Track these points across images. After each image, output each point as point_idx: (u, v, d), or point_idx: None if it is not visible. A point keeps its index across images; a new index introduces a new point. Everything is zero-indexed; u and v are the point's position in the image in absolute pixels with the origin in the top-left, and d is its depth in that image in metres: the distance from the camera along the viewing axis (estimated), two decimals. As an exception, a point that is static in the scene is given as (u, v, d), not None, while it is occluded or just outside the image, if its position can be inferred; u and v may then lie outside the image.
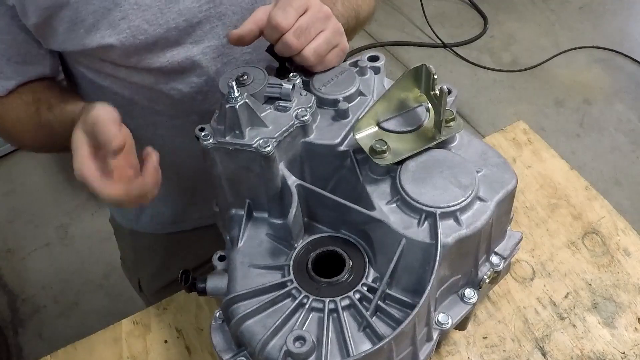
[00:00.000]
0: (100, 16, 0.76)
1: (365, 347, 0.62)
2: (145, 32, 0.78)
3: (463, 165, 0.68)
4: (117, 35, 0.77)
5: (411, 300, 0.64)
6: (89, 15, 0.76)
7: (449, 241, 0.63)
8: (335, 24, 0.75)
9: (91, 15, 0.76)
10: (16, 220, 2.31)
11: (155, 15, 0.78)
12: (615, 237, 0.98)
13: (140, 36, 0.78)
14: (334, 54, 0.75)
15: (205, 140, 0.69)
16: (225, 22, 0.83)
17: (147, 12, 0.77)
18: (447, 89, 0.67)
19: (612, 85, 2.67)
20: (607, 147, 2.43)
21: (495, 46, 2.89)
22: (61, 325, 2.02)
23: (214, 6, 0.81)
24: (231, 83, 0.66)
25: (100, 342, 0.90)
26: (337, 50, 0.76)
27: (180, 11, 0.79)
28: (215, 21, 0.82)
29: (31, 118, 0.84)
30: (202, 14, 0.80)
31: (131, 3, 0.76)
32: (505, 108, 2.60)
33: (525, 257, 0.96)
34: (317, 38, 0.73)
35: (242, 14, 0.83)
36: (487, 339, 0.87)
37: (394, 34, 2.94)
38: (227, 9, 0.82)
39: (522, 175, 1.00)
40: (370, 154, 0.68)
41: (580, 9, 3.05)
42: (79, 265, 2.07)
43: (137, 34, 0.78)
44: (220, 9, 0.81)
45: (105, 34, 0.77)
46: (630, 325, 0.88)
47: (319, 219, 0.73)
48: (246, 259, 0.70)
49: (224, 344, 0.67)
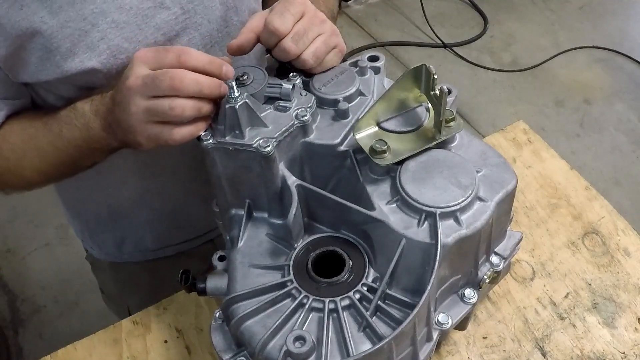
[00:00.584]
0: (77, 39, 0.73)
1: (365, 347, 0.62)
2: (126, 51, 0.76)
3: (463, 165, 0.68)
4: (98, 57, 0.74)
5: (411, 300, 0.64)
6: (65, 39, 0.72)
7: (449, 241, 0.63)
8: (331, 27, 0.75)
9: (67, 40, 0.72)
10: (16, 220, 2.31)
11: (134, 32, 0.76)
12: (615, 237, 0.98)
13: (120, 55, 0.76)
14: (332, 55, 0.76)
15: (205, 140, 0.68)
16: (202, 32, 0.82)
17: (125, 29, 0.75)
18: (447, 89, 0.67)
19: (612, 85, 2.67)
20: (607, 147, 2.43)
21: (495, 46, 2.89)
22: (61, 325, 2.02)
23: (189, 17, 0.80)
24: (231, 83, 0.66)
25: (100, 342, 0.90)
26: (335, 51, 0.76)
27: (158, 25, 0.77)
28: (192, 32, 0.81)
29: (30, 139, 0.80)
30: (179, 26, 0.79)
31: (108, 22, 0.74)
32: (505, 108, 2.60)
33: (525, 257, 0.96)
34: (315, 41, 0.73)
35: (217, 22, 0.83)
36: (487, 339, 0.87)
37: (394, 34, 2.94)
38: (202, 18, 0.81)
39: (522, 175, 1.00)
40: (370, 154, 0.68)
41: (580, 9, 3.05)
42: (79, 265, 2.05)
43: (117, 53, 0.75)
44: (196, 19, 0.80)
45: (84, 58, 0.73)
46: (630, 325, 0.88)
47: (319, 219, 0.73)
48: (246, 259, 0.70)
49: (224, 344, 0.67)
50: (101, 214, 1.05)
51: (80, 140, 0.76)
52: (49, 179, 0.87)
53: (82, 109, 0.75)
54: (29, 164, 0.81)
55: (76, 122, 0.75)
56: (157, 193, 0.98)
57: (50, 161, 0.80)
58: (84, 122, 0.75)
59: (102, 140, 0.75)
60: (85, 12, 0.72)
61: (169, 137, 0.68)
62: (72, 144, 0.77)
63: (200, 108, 0.67)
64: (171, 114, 0.66)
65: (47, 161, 0.80)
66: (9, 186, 0.86)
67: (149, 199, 0.99)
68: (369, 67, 0.78)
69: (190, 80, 0.66)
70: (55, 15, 0.71)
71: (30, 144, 0.79)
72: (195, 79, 0.66)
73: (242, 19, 0.86)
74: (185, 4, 0.79)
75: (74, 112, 0.76)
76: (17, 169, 0.82)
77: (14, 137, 0.80)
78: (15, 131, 0.80)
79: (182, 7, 0.78)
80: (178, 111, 0.66)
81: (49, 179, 0.87)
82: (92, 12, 0.72)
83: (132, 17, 0.75)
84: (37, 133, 0.79)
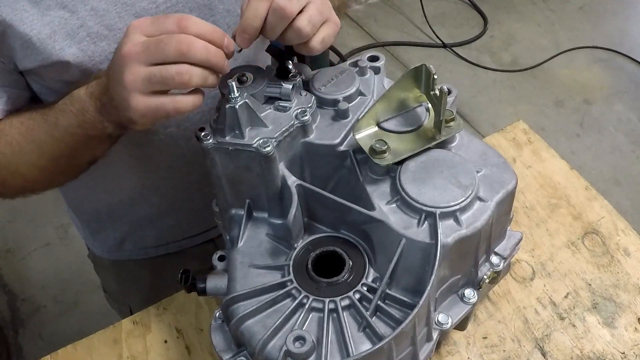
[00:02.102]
0: (57, 26, 0.72)
1: (365, 347, 0.62)
2: (106, 38, 0.75)
3: (463, 165, 0.68)
4: (78, 44, 0.73)
5: (411, 300, 0.64)
6: (45, 27, 0.72)
7: (448, 241, 0.63)
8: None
9: (47, 27, 0.72)
10: (16, 220, 2.31)
11: (113, 19, 0.75)
12: (615, 237, 0.98)
13: (100, 43, 0.75)
14: (328, 27, 0.69)
15: (205, 141, 0.68)
16: None
17: (104, 17, 0.74)
18: (447, 89, 0.67)
19: (612, 85, 2.67)
20: (607, 147, 2.43)
21: (495, 46, 2.89)
22: (61, 325, 2.02)
23: (171, 5, 0.79)
24: (231, 83, 0.66)
25: (100, 342, 0.90)
26: (330, 24, 0.70)
27: (138, 13, 0.76)
28: None
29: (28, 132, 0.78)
30: (159, 14, 0.78)
31: (87, 9, 0.73)
32: (505, 108, 2.60)
33: (525, 257, 0.96)
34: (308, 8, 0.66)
35: (199, 9, 0.81)
36: (487, 339, 0.87)
37: (394, 34, 2.94)
38: (184, 6, 0.80)
39: (522, 175, 1.00)
40: (370, 154, 0.68)
41: (580, 9, 3.05)
42: (79, 265, 2.06)
43: (97, 40, 0.75)
44: (177, 7, 0.79)
45: (64, 45, 0.73)
46: (630, 325, 0.88)
47: (319, 219, 0.73)
48: (246, 259, 0.70)
49: (224, 344, 0.67)
50: (101, 212, 1.05)
51: (76, 127, 0.73)
52: (46, 177, 0.83)
53: (78, 94, 0.73)
54: (26, 159, 0.79)
55: (72, 108, 0.73)
56: (155, 189, 0.98)
57: (47, 154, 0.78)
58: (79, 107, 0.72)
59: (97, 124, 0.72)
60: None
61: (173, 108, 0.63)
62: (68, 132, 0.74)
63: (207, 77, 0.62)
64: (177, 80, 0.61)
65: (44, 154, 0.78)
66: (5, 186, 0.83)
67: (147, 195, 0.99)
68: (369, 67, 0.77)
69: (199, 45, 0.61)
70: (36, 3, 0.71)
71: (28, 137, 0.77)
72: (204, 45, 0.61)
73: (228, 6, 0.84)
74: None
75: (70, 99, 0.74)
76: (13, 165, 0.79)
77: (12, 130, 0.79)
78: (14, 125, 0.79)
79: None
80: (185, 78, 0.61)
81: (47, 178, 0.83)
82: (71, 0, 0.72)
83: (112, 4, 0.74)
84: (34, 125, 0.77)
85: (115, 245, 1.09)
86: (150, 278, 1.12)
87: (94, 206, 1.04)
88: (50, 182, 0.85)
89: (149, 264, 1.11)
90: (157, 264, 1.10)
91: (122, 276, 1.15)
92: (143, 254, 1.10)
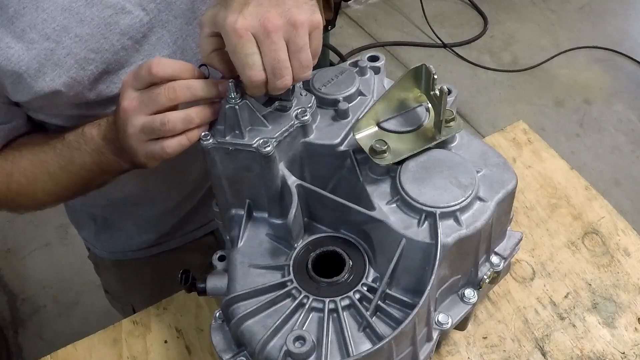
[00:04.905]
0: (44, 59, 0.72)
1: (365, 347, 0.62)
2: (94, 61, 0.75)
3: (463, 165, 0.68)
4: (67, 72, 0.74)
5: (411, 300, 0.64)
6: (32, 60, 0.72)
7: (449, 241, 0.63)
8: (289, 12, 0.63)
9: (34, 60, 0.72)
10: (16, 220, 2.31)
11: (99, 42, 0.75)
12: (615, 237, 0.98)
13: (88, 67, 0.75)
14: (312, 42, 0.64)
15: (205, 141, 0.68)
16: (169, 29, 0.80)
17: (89, 41, 0.74)
18: (447, 89, 0.67)
19: (612, 85, 2.67)
20: (607, 147, 2.43)
21: (495, 46, 2.89)
22: (61, 325, 2.02)
23: (154, 17, 0.78)
24: (231, 83, 0.66)
25: (100, 342, 0.90)
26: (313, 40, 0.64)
27: (123, 31, 0.76)
28: (160, 31, 0.80)
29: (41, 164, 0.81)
30: (144, 27, 0.78)
31: (72, 37, 0.73)
32: (505, 108, 2.60)
33: (525, 257, 0.96)
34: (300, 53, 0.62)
35: (185, 16, 0.81)
36: (487, 339, 0.87)
37: (394, 34, 2.94)
38: (168, 15, 0.79)
39: (522, 175, 1.00)
40: (370, 154, 0.68)
41: (580, 9, 3.05)
42: (79, 265, 2.06)
43: (85, 65, 0.75)
44: (161, 17, 0.79)
45: (54, 76, 0.73)
46: (630, 325, 0.88)
47: (319, 219, 0.73)
48: (246, 259, 0.70)
49: (224, 344, 0.67)
50: (104, 214, 1.05)
51: (92, 165, 0.78)
52: (60, 200, 0.90)
53: (90, 134, 0.76)
54: (41, 187, 0.83)
55: (86, 148, 0.77)
56: (158, 190, 0.98)
57: (62, 184, 0.82)
58: (94, 147, 0.76)
59: (114, 164, 0.77)
60: (47, 31, 0.71)
61: (162, 152, 0.69)
62: (84, 168, 0.78)
63: (191, 120, 0.68)
64: (163, 129, 0.68)
65: (59, 184, 0.82)
66: (23, 208, 0.89)
67: (150, 197, 1.00)
68: (369, 67, 0.77)
69: (182, 86, 0.67)
70: (20, 39, 0.71)
71: (42, 169, 0.81)
72: (186, 85, 0.68)
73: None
74: (147, 5, 0.77)
75: (82, 138, 0.77)
76: (30, 192, 0.83)
77: (24, 161, 0.81)
78: (25, 156, 0.82)
79: (143, 9, 0.77)
80: (169, 126, 0.67)
81: (61, 199, 0.90)
82: (54, 30, 0.71)
83: (95, 28, 0.74)
84: (47, 158, 0.80)
85: (119, 245, 1.10)
86: (152, 275, 1.13)
87: (99, 209, 1.05)
88: (62, 201, 0.94)
89: (150, 261, 1.11)
90: (159, 260, 1.11)
91: (124, 275, 1.15)
92: (145, 252, 1.10)
